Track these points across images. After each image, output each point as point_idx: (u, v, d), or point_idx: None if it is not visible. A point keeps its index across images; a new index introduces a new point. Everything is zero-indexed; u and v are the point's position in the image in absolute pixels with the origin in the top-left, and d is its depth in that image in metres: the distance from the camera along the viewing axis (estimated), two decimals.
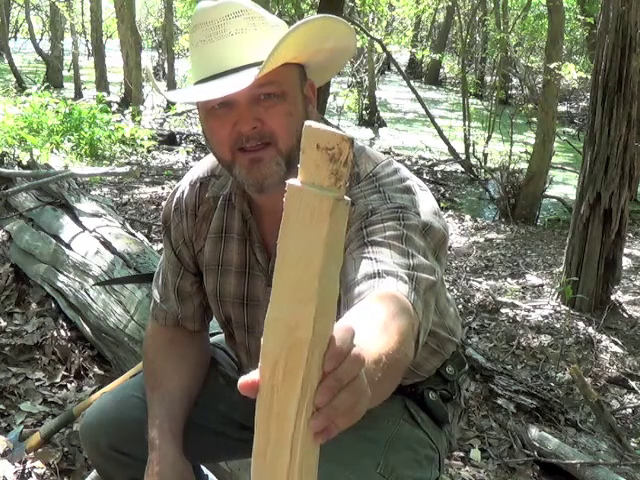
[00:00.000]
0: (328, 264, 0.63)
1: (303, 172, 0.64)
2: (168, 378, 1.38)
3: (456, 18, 14.54)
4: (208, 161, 1.40)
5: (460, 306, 4.29)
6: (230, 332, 1.43)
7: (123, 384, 1.55)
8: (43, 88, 10.31)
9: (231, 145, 1.16)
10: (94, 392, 2.39)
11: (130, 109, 10.66)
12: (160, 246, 4.37)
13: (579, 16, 10.82)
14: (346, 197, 0.64)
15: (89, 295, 2.79)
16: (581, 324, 4.23)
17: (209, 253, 1.36)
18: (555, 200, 8.71)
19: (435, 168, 10.40)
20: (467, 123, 9.96)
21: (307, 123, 0.63)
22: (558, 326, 4.17)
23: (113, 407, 1.44)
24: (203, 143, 10.03)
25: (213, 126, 1.18)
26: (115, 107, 10.12)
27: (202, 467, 1.64)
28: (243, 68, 1.12)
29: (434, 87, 22.16)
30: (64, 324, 2.94)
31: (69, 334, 2.89)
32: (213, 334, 1.60)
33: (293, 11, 12.40)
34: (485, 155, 9.60)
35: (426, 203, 1.19)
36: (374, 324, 0.89)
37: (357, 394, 0.66)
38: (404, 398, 1.34)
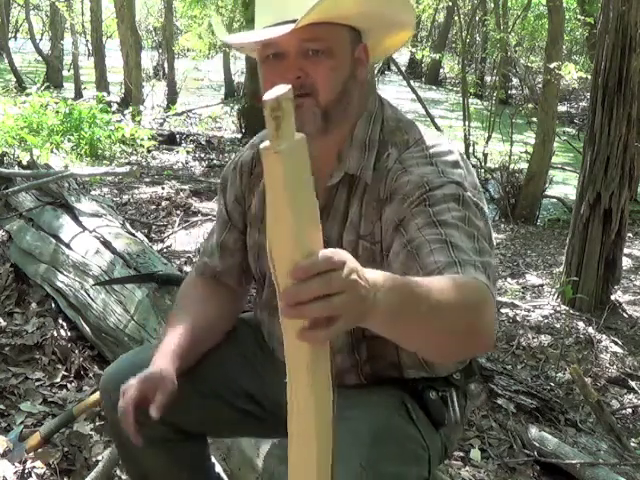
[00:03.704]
0: (295, 197, 0.77)
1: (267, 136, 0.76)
2: (193, 308, 1.44)
3: (456, 18, 14.54)
4: None
5: None
6: (260, 289, 1.48)
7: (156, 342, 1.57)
8: (43, 88, 10.31)
9: None
10: (94, 392, 2.38)
11: (130, 109, 10.66)
12: (160, 246, 4.37)
13: (579, 16, 10.82)
14: (297, 135, 0.77)
15: (89, 295, 2.79)
16: (581, 324, 4.23)
17: (255, 208, 1.43)
18: (555, 200, 8.71)
19: None
20: (467, 123, 9.95)
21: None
22: (558, 326, 4.17)
23: (136, 359, 1.47)
24: (203, 143, 10.03)
25: (265, 74, 1.25)
26: (115, 107, 10.10)
27: (216, 470, 1.65)
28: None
29: (434, 87, 22.15)
30: (64, 324, 2.94)
31: (69, 334, 2.89)
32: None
33: None
34: (485, 155, 9.59)
35: (472, 179, 1.24)
36: (438, 279, 0.99)
37: (328, 286, 0.76)
38: (403, 394, 1.33)
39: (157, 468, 1.48)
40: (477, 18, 14.58)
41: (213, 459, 1.68)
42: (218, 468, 1.70)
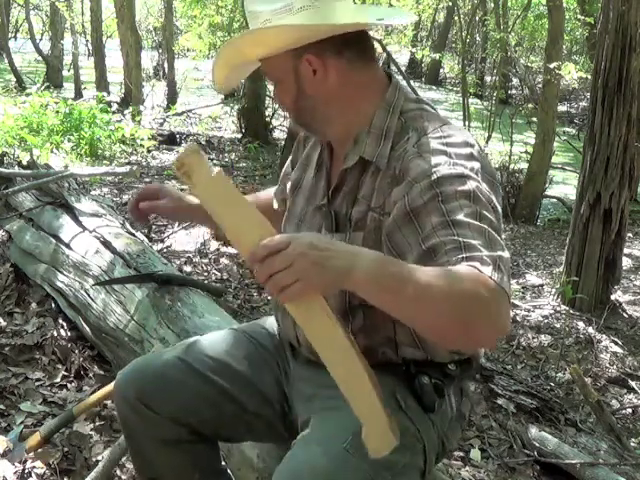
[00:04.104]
0: (224, 214, 1.10)
1: None
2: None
3: (456, 18, 14.54)
4: None
5: None
6: None
7: (179, 344, 1.60)
8: (43, 88, 10.30)
9: None
10: (94, 392, 2.39)
11: (130, 109, 10.65)
12: (160, 246, 4.38)
13: (579, 16, 10.81)
14: (214, 172, 1.08)
15: (89, 295, 2.78)
16: (581, 324, 4.23)
17: (295, 176, 1.56)
18: (555, 200, 8.71)
19: None
20: (467, 123, 9.96)
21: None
22: (558, 326, 4.17)
23: (152, 360, 1.53)
24: (203, 143, 10.03)
25: None
26: (115, 107, 10.09)
27: (228, 474, 1.66)
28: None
29: (434, 87, 22.14)
30: (64, 324, 2.94)
31: (69, 334, 2.89)
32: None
33: None
34: (485, 155, 9.58)
35: (487, 171, 1.27)
36: (433, 268, 1.08)
37: (274, 264, 1.04)
38: (395, 384, 1.33)
39: (170, 469, 1.50)
40: (477, 18, 14.58)
41: (223, 463, 1.69)
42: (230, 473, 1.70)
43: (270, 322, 1.64)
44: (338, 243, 1.12)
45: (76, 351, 2.77)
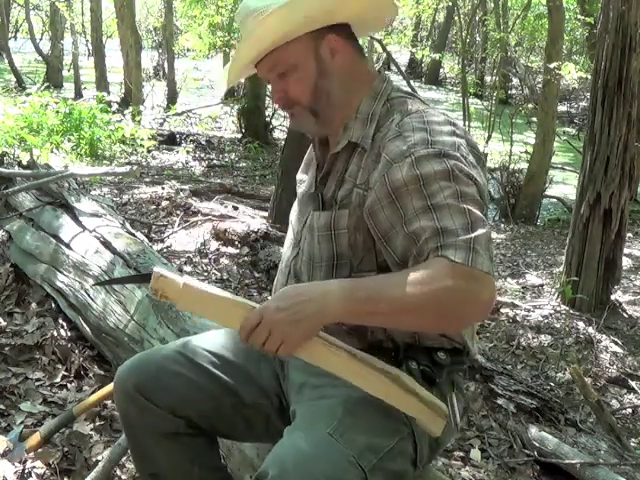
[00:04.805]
0: (204, 310, 1.31)
1: None
2: None
3: (456, 18, 14.54)
4: None
5: None
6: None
7: (174, 342, 1.62)
8: (43, 88, 10.31)
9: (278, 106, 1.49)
10: (94, 392, 2.39)
11: (130, 109, 10.66)
12: (160, 246, 4.38)
13: (579, 16, 10.81)
14: (180, 284, 1.26)
15: (89, 295, 2.78)
16: (581, 324, 4.23)
17: (300, 175, 1.61)
18: (555, 200, 8.72)
19: None
20: (467, 123, 9.95)
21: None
22: (558, 326, 4.17)
23: (152, 353, 1.55)
24: (203, 143, 10.03)
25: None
26: (115, 107, 10.10)
27: (228, 471, 1.66)
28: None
29: (434, 87, 22.15)
30: (64, 324, 2.94)
31: (69, 334, 2.89)
32: None
33: None
34: (485, 155, 9.58)
35: (468, 147, 1.32)
36: (398, 276, 1.19)
37: (259, 337, 1.21)
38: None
39: (169, 463, 1.50)
40: (477, 18, 14.58)
41: (223, 462, 1.69)
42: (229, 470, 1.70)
43: None
44: (302, 288, 1.25)
45: (76, 351, 2.77)
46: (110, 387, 2.18)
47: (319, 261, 1.41)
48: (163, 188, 6.30)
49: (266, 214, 5.38)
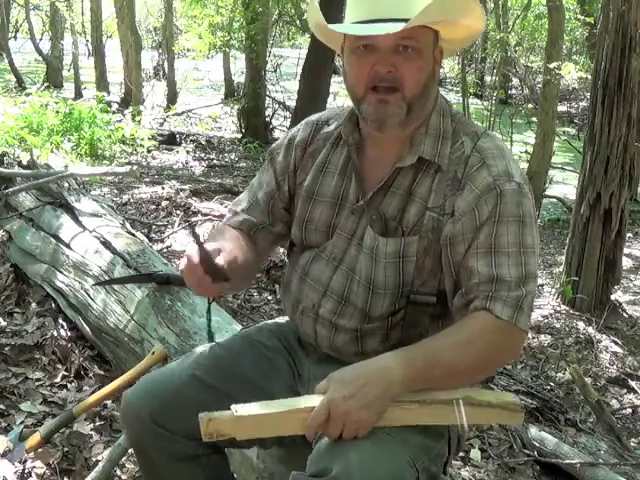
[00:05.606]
0: (263, 429, 1.26)
1: None
2: (233, 240, 1.46)
3: None
4: (328, 111, 1.61)
5: None
6: (299, 253, 1.54)
7: (186, 358, 1.52)
8: (43, 88, 10.32)
9: (367, 82, 1.33)
10: (94, 392, 2.39)
11: (130, 109, 10.66)
12: (160, 246, 4.37)
13: (579, 16, 10.81)
14: (232, 413, 1.22)
15: (89, 295, 2.78)
16: (581, 324, 4.23)
17: (308, 183, 1.50)
18: (555, 200, 8.71)
19: None
20: None
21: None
22: (558, 326, 4.17)
23: (164, 379, 1.45)
24: (203, 143, 10.03)
25: (355, 63, 1.35)
26: (115, 107, 10.10)
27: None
28: (392, 20, 1.28)
29: None
30: (64, 324, 2.93)
31: (69, 334, 2.89)
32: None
33: (293, 11, 12.39)
34: None
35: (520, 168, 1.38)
36: (447, 338, 1.28)
37: (335, 429, 1.19)
38: None
39: None
40: None
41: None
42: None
43: (276, 325, 1.63)
44: (359, 370, 1.23)
45: (76, 351, 2.77)
46: (110, 387, 2.18)
47: (382, 288, 1.38)
48: (163, 188, 6.30)
49: None
